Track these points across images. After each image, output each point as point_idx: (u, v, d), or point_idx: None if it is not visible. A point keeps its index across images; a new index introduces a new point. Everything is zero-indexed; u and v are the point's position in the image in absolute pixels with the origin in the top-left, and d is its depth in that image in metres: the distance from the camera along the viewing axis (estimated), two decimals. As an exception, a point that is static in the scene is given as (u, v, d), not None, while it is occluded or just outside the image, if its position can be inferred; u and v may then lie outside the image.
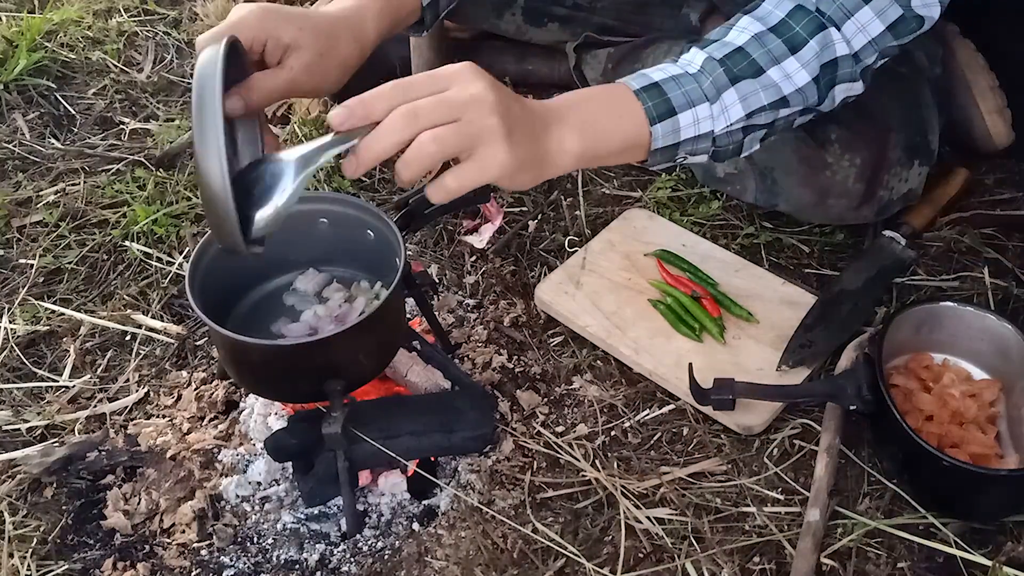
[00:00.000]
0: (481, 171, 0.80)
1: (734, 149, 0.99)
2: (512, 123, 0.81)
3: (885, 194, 1.24)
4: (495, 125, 0.79)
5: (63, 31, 1.83)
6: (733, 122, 0.95)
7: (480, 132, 0.79)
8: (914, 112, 1.25)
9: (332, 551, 1.01)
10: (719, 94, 0.94)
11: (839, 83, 1.00)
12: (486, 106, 0.79)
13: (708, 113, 0.94)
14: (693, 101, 0.93)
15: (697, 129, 0.94)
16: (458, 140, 0.79)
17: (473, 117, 0.79)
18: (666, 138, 0.93)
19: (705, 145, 0.96)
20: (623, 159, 0.94)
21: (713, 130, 0.94)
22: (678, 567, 0.98)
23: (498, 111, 0.79)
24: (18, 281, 1.35)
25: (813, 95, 0.98)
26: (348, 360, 0.98)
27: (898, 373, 1.11)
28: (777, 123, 0.99)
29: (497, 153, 0.80)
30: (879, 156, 1.22)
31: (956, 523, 1.00)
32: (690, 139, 0.94)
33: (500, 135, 0.79)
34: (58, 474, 1.09)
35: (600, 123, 0.90)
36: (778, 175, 1.27)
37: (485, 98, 0.79)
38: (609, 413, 1.14)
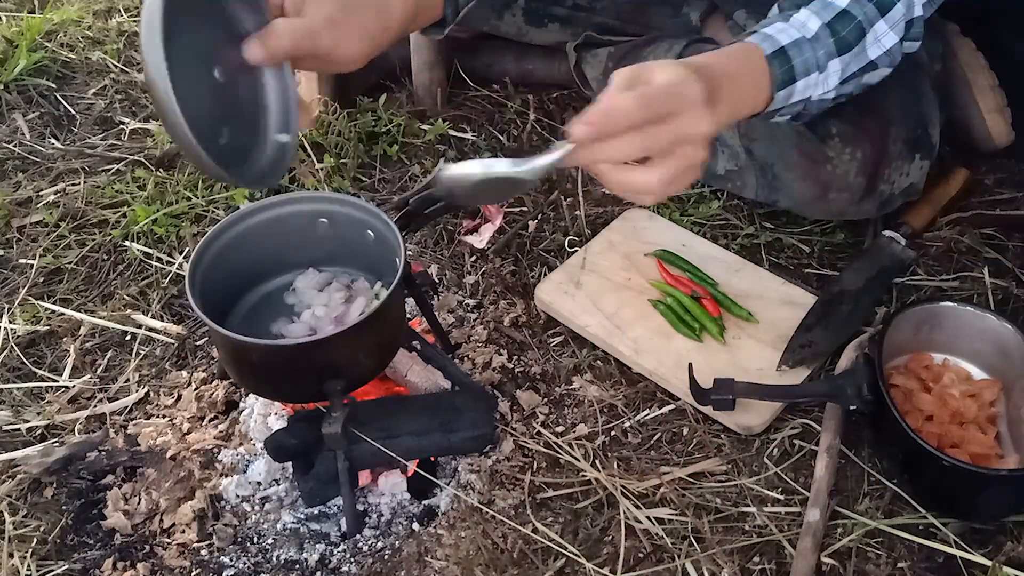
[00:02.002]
0: (694, 173, 0.85)
1: (816, 111, 1.03)
2: (701, 119, 0.84)
3: (886, 188, 1.24)
4: (703, 135, 0.84)
5: (63, 31, 1.83)
6: (829, 89, 1.00)
7: (693, 164, 0.84)
8: (914, 106, 1.25)
9: (332, 551, 1.01)
10: (827, 62, 0.98)
11: (907, 40, 1.03)
12: (702, 143, 0.84)
13: (816, 81, 0.98)
14: (809, 69, 0.97)
15: (803, 94, 0.98)
16: (678, 175, 0.84)
17: (691, 152, 0.83)
18: (778, 103, 0.97)
19: (798, 108, 1.00)
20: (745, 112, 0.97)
21: (811, 96, 0.99)
22: (678, 567, 0.98)
23: (708, 142, 0.84)
24: (18, 281, 1.35)
25: (898, 55, 1.02)
26: (348, 360, 0.98)
27: (898, 373, 1.11)
28: (856, 90, 1.04)
29: (699, 162, 0.84)
30: (880, 150, 1.22)
31: (956, 523, 1.00)
32: (793, 104, 0.98)
33: (703, 143, 0.84)
34: (58, 474, 1.09)
35: (742, 92, 0.93)
36: (779, 170, 1.27)
37: (702, 134, 0.83)
38: (609, 413, 1.14)
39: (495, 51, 1.65)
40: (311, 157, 1.48)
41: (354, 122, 1.54)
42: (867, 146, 1.21)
